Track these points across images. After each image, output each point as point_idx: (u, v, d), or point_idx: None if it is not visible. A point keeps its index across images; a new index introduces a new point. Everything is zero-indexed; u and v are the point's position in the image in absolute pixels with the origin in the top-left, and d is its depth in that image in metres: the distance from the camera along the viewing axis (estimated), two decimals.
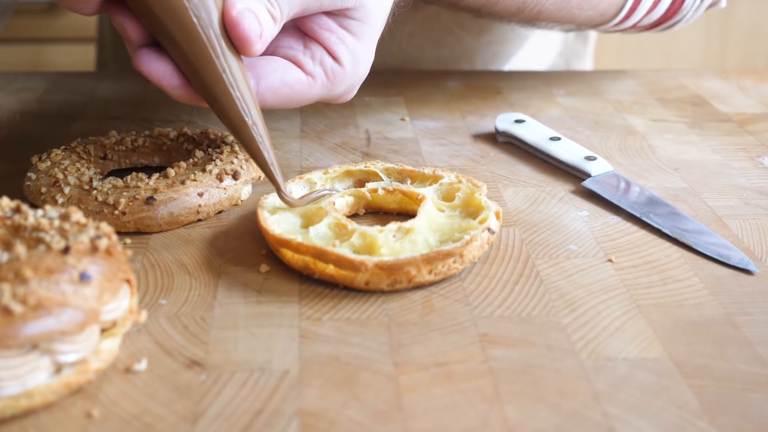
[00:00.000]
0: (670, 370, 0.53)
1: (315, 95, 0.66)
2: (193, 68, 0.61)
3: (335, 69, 0.66)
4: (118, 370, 0.53)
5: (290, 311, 0.59)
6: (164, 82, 0.62)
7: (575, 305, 0.60)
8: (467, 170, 0.80)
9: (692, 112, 0.95)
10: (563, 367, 0.54)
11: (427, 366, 0.53)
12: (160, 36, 0.61)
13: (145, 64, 0.61)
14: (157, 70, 0.62)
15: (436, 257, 0.60)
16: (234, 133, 0.63)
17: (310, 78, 0.65)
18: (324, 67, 0.66)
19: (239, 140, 0.63)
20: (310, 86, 0.65)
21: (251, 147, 0.64)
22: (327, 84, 0.66)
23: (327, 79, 0.66)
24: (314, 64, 0.65)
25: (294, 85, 0.65)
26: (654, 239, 0.68)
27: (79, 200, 0.68)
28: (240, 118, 0.62)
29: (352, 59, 0.66)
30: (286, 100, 0.65)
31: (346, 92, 0.69)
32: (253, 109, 0.63)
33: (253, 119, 0.63)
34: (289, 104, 0.66)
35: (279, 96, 0.64)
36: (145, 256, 0.65)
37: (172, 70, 0.62)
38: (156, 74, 0.62)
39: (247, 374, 0.53)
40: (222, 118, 0.63)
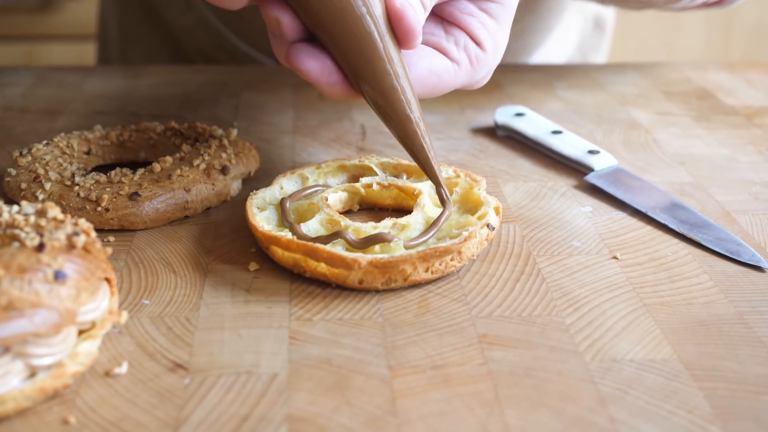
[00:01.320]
0: (680, 373, 0.51)
1: (459, 82, 0.64)
2: (356, 64, 0.58)
3: (479, 54, 0.63)
4: (97, 373, 0.50)
5: (280, 311, 0.56)
6: (323, 80, 0.59)
7: (579, 304, 0.57)
8: (466, 165, 0.77)
9: (698, 106, 0.93)
10: (567, 370, 0.51)
11: (423, 369, 0.51)
12: (319, 30, 0.58)
13: (302, 61, 0.58)
14: (315, 67, 0.58)
15: (433, 254, 0.58)
16: (395, 129, 0.61)
17: (456, 65, 0.62)
18: (468, 53, 0.63)
19: (401, 137, 0.61)
20: (456, 73, 0.63)
21: (414, 143, 0.61)
22: (470, 70, 0.63)
23: (471, 66, 0.63)
24: (458, 50, 0.63)
25: (441, 74, 0.62)
26: (660, 235, 0.66)
27: (61, 196, 0.65)
28: (405, 115, 0.60)
29: (494, 43, 0.64)
30: (433, 90, 0.62)
31: (485, 77, 0.66)
32: (415, 105, 0.60)
33: (416, 115, 0.60)
34: (434, 93, 0.63)
35: (426, 85, 0.62)
36: (128, 254, 0.63)
37: (331, 65, 0.59)
38: (314, 71, 0.58)
39: (233, 378, 0.50)
40: (384, 116, 0.60)
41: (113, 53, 1.22)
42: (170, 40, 1.14)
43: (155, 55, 1.15)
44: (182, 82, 0.98)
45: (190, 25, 1.10)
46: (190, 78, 0.99)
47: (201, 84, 0.97)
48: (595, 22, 1.22)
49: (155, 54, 1.15)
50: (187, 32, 1.12)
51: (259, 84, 0.97)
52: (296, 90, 0.95)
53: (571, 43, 1.22)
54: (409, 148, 0.62)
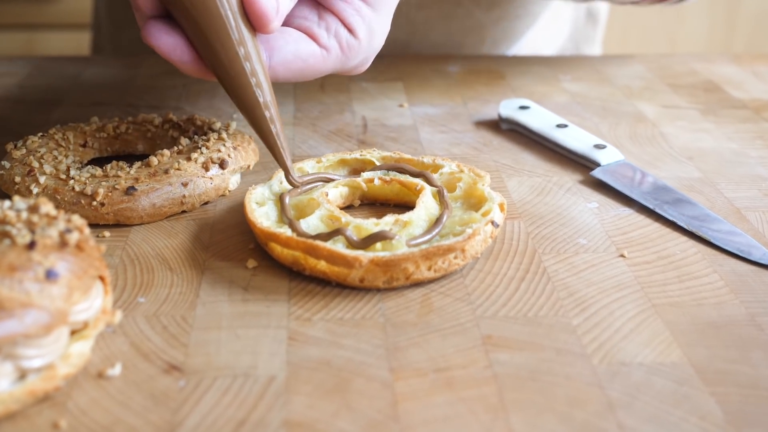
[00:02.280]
0: (690, 377, 0.49)
1: (329, 68, 0.63)
2: (206, 43, 0.58)
3: (350, 41, 0.63)
4: (90, 375, 0.49)
5: (278, 311, 0.55)
6: (174, 56, 0.59)
7: (586, 304, 0.55)
8: (469, 159, 0.76)
9: (705, 99, 0.91)
10: (574, 373, 0.49)
11: (425, 371, 0.49)
12: (172, 6, 0.58)
13: (155, 37, 0.58)
14: (167, 43, 0.58)
15: (435, 252, 0.56)
16: (244, 112, 0.61)
17: (324, 51, 0.62)
18: (339, 39, 0.62)
19: (249, 120, 0.61)
20: (324, 59, 0.62)
21: (262, 128, 0.61)
22: (341, 57, 0.63)
23: (341, 52, 0.63)
24: (329, 36, 0.62)
25: (308, 59, 0.61)
26: (669, 233, 0.64)
27: (55, 190, 0.63)
28: (252, 98, 0.60)
29: (368, 31, 0.63)
30: (299, 74, 0.62)
31: (360, 65, 0.66)
32: (266, 88, 0.60)
33: (266, 99, 0.60)
34: (302, 78, 0.63)
35: (291, 70, 0.62)
36: (124, 251, 0.61)
37: (183, 43, 0.59)
38: (166, 47, 0.59)
39: (229, 380, 0.48)
40: (232, 96, 0.60)
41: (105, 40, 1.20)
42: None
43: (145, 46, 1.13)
44: (180, 74, 0.96)
45: None
46: None
47: None
48: (588, 12, 1.20)
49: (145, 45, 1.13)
50: None
51: None
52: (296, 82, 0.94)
53: (562, 33, 1.20)
54: (257, 131, 0.61)
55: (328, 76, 0.93)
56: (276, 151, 0.62)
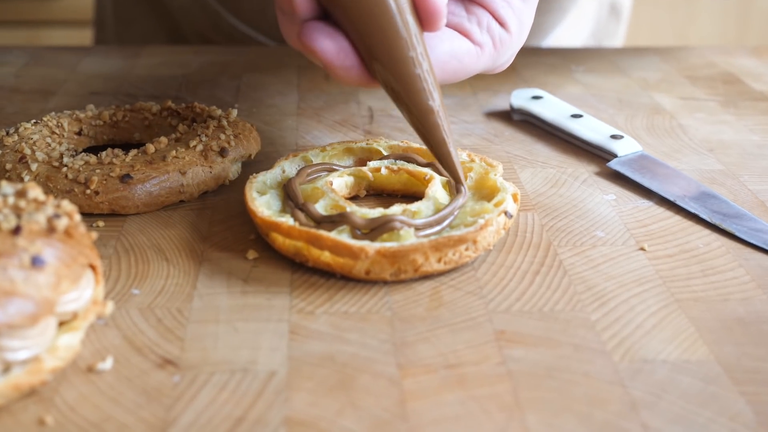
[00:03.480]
0: (718, 375, 0.46)
1: (482, 67, 0.58)
2: (375, 46, 0.53)
3: (503, 36, 0.58)
4: (79, 369, 0.46)
5: (280, 303, 0.52)
6: (338, 62, 0.53)
7: (605, 299, 0.53)
8: (480, 150, 0.73)
9: (724, 91, 0.88)
10: (593, 371, 0.46)
11: (435, 368, 0.46)
12: (335, 7, 0.53)
13: (316, 41, 0.53)
14: (330, 48, 0.53)
15: (446, 243, 0.53)
16: (415, 120, 0.56)
17: (478, 48, 0.57)
18: (492, 34, 0.57)
19: (420, 129, 0.56)
20: (478, 57, 0.57)
21: (435, 137, 0.56)
22: (493, 53, 0.58)
23: (494, 49, 0.58)
24: (481, 31, 0.57)
25: (463, 58, 0.56)
26: (690, 225, 0.61)
27: (48, 178, 0.61)
28: (425, 104, 0.55)
29: (519, 23, 0.58)
30: (454, 75, 0.57)
31: (508, 61, 0.61)
32: (436, 94, 0.55)
33: (437, 104, 0.55)
34: (455, 79, 0.58)
35: (446, 71, 0.56)
36: (118, 241, 0.58)
37: (348, 47, 0.53)
38: (329, 52, 0.53)
39: (227, 376, 0.46)
40: (402, 104, 0.55)
41: (109, 36, 1.17)
42: (166, 21, 1.09)
43: (151, 37, 1.10)
44: (182, 63, 0.93)
45: (187, 5, 1.06)
46: (190, 59, 0.95)
47: (201, 65, 0.93)
48: (611, 6, 1.18)
49: (151, 36, 1.11)
50: (183, 12, 1.07)
51: (262, 65, 0.93)
52: (300, 71, 0.91)
53: (585, 28, 1.17)
54: (427, 139, 0.57)
55: None
56: (448, 160, 0.57)
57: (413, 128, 0.57)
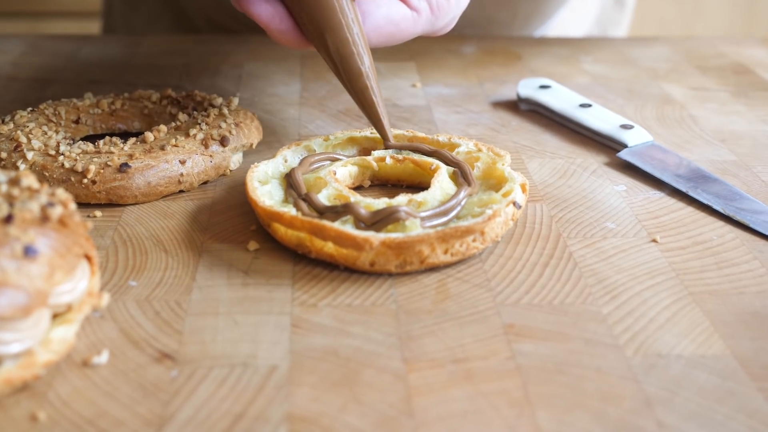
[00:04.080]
0: (735, 371, 0.45)
1: (418, 31, 0.61)
2: (306, 11, 0.57)
3: (440, 2, 0.60)
4: (74, 363, 0.45)
5: (281, 296, 0.50)
6: (273, 25, 0.58)
7: (616, 292, 0.51)
8: (487, 140, 0.71)
9: (735, 81, 0.86)
10: (605, 366, 0.45)
11: (442, 363, 0.45)
12: None
13: (253, 5, 0.57)
14: (265, 12, 0.58)
15: (453, 234, 0.52)
16: (346, 82, 0.60)
17: (415, 13, 0.60)
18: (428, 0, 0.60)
19: (351, 90, 0.60)
20: (415, 22, 0.60)
21: (365, 98, 0.60)
22: (431, 18, 0.61)
23: (431, 13, 0.60)
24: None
25: (399, 23, 0.59)
26: (703, 217, 0.59)
27: (44, 167, 0.59)
28: (355, 67, 0.59)
29: None
30: (390, 38, 0.60)
31: (448, 25, 0.64)
32: (366, 57, 0.59)
33: (367, 67, 0.59)
34: (392, 42, 0.61)
35: (383, 35, 0.60)
36: (116, 231, 0.57)
37: (283, 11, 0.58)
38: (265, 16, 0.58)
39: (227, 370, 0.44)
40: (333, 67, 0.59)
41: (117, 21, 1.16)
42: (172, 3, 1.07)
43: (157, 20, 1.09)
44: (183, 52, 0.92)
45: None
46: (191, 47, 0.93)
47: (203, 54, 0.91)
48: None
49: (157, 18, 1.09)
50: None
51: (265, 54, 0.91)
52: (303, 61, 0.89)
53: (588, 17, 1.15)
54: (358, 101, 0.60)
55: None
56: (377, 119, 0.61)
57: (346, 89, 0.61)
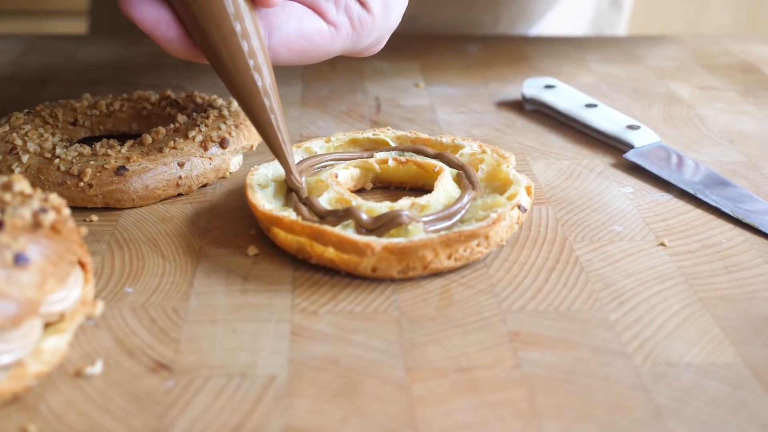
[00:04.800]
0: (747, 379, 0.43)
1: (337, 49, 0.55)
2: (196, 17, 0.51)
3: (363, 17, 0.55)
4: (67, 374, 0.43)
5: (281, 302, 0.49)
6: (158, 32, 0.51)
7: (624, 297, 0.50)
8: (491, 141, 0.70)
9: (743, 80, 0.85)
10: (614, 375, 0.44)
11: (446, 372, 0.44)
12: None
13: (136, 8, 0.51)
14: (150, 17, 0.51)
15: (456, 239, 0.50)
16: (240, 99, 0.53)
17: (333, 28, 0.54)
18: (350, 14, 0.54)
19: (246, 109, 0.53)
20: (332, 39, 0.54)
21: (261, 119, 0.53)
22: (352, 35, 0.55)
23: (353, 30, 0.55)
24: (338, 11, 0.54)
25: (313, 38, 0.53)
26: (712, 219, 0.58)
27: (39, 170, 0.58)
28: (250, 83, 0.52)
29: (383, 5, 0.55)
30: (303, 55, 0.54)
31: (374, 45, 0.58)
32: (265, 72, 0.53)
33: (265, 84, 0.53)
34: (306, 60, 0.55)
35: (294, 51, 0.54)
36: (112, 236, 0.55)
37: (169, 17, 0.51)
38: (149, 21, 0.51)
39: (224, 380, 0.43)
40: (226, 81, 0.53)
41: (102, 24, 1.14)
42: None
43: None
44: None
45: None
46: None
47: None
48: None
49: None
50: None
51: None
52: None
53: (583, 18, 1.14)
54: (254, 122, 0.54)
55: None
56: (276, 145, 0.54)
57: (240, 108, 0.54)
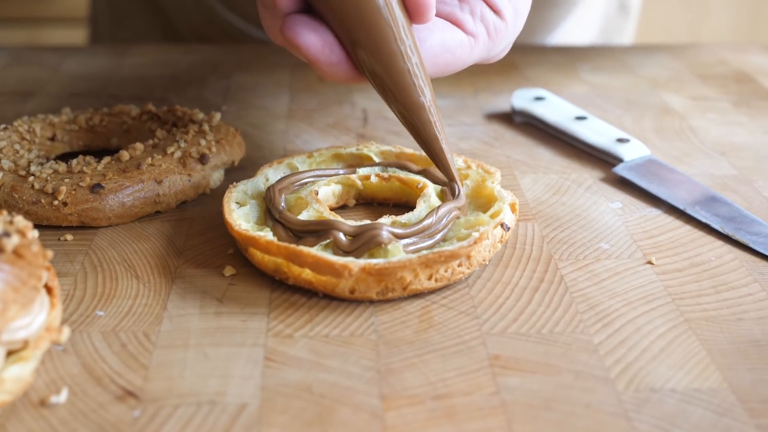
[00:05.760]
0: (732, 406, 0.42)
1: (474, 58, 0.55)
2: (362, 40, 0.50)
3: (498, 24, 0.54)
4: (31, 402, 0.42)
5: (256, 325, 0.48)
6: (323, 57, 0.50)
7: (609, 319, 0.48)
8: (479, 154, 0.69)
9: (737, 90, 0.84)
10: (596, 401, 0.42)
11: (422, 399, 0.42)
12: (319, 2, 0.50)
13: (300, 35, 0.50)
14: (315, 42, 0.50)
15: (437, 259, 0.49)
16: (406, 117, 0.53)
17: (472, 39, 0.54)
18: (486, 23, 0.54)
19: (411, 126, 0.54)
20: (471, 48, 0.54)
21: (427, 134, 0.54)
22: (488, 44, 0.55)
23: (489, 38, 0.54)
24: (475, 21, 0.54)
25: (456, 50, 0.53)
26: (702, 236, 0.57)
27: (13, 188, 0.57)
28: (416, 100, 0.52)
29: (514, 11, 0.55)
30: (446, 68, 0.54)
31: (504, 50, 0.58)
32: (427, 89, 0.52)
33: (428, 100, 0.53)
34: (448, 72, 0.54)
35: (438, 64, 0.53)
36: (87, 256, 0.54)
37: (333, 41, 0.50)
38: (314, 47, 0.50)
39: (193, 409, 0.42)
40: (392, 100, 0.53)
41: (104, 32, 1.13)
42: (161, 17, 1.05)
43: (145, 34, 1.07)
44: (170, 63, 0.89)
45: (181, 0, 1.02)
46: (179, 58, 0.91)
47: (190, 64, 0.89)
48: (619, 3, 1.13)
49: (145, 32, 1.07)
50: (177, 8, 1.03)
51: (254, 64, 0.89)
52: (293, 71, 0.87)
53: (593, 25, 1.13)
54: (419, 136, 0.54)
55: None
56: (442, 158, 0.55)
57: (404, 125, 0.54)
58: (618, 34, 1.15)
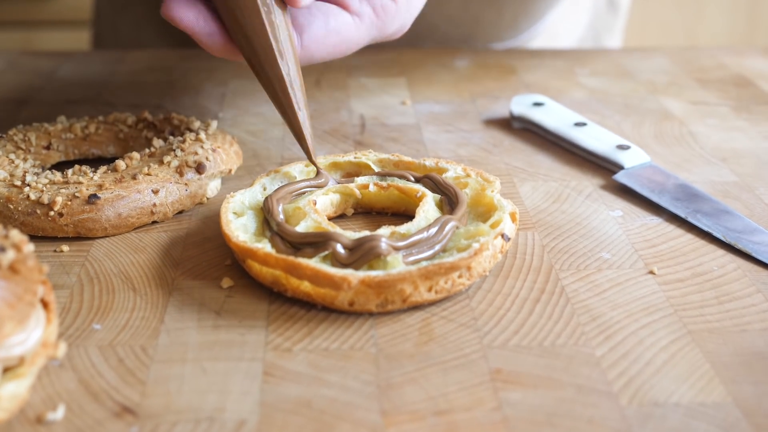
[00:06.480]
0: (737, 421, 0.41)
1: (364, 38, 0.58)
2: (233, 15, 0.54)
3: (385, 4, 0.57)
4: (27, 419, 0.42)
5: (254, 339, 0.47)
6: (197, 28, 0.55)
7: (611, 331, 0.48)
8: (477, 161, 0.68)
9: (737, 94, 0.83)
10: (598, 416, 0.42)
11: (423, 414, 0.42)
12: None
13: (176, 10, 0.55)
14: (189, 17, 0.55)
15: (437, 271, 0.49)
16: (270, 91, 0.57)
17: (357, 18, 0.56)
18: (372, 3, 0.57)
19: (274, 100, 0.57)
20: (357, 28, 0.57)
21: (287, 107, 0.56)
22: (376, 23, 0.57)
23: (376, 17, 0.57)
24: (360, 1, 0.57)
25: (341, 31, 0.56)
26: (704, 245, 0.56)
27: (8, 199, 0.56)
28: (278, 75, 0.55)
29: None
30: (334, 50, 0.57)
31: (399, 30, 0.60)
32: (293, 68, 0.56)
33: (292, 78, 0.56)
34: (338, 53, 0.58)
35: (326, 45, 0.57)
36: (83, 268, 0.54)
37: (207, 13, 0.55)
38: (187, 19, 0.55)
39: (191, 426, 0.41)
40: (258, 75, 0.57)
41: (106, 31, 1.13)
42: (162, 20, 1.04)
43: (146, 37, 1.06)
44: (166, 69, 0.89)
45: None
46: (175, 64, 0.90)
47: (186, 70, 0.88)
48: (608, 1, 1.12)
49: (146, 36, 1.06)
50: None
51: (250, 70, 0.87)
52: None
53: (581, 22, 1.12)
54: (280, 109, 0.57)
55: (324, 70, 0.86)
56: (298, 130, 0.57)
57: (272, 102, 0.57)
58: (607, 32, 1.14)
